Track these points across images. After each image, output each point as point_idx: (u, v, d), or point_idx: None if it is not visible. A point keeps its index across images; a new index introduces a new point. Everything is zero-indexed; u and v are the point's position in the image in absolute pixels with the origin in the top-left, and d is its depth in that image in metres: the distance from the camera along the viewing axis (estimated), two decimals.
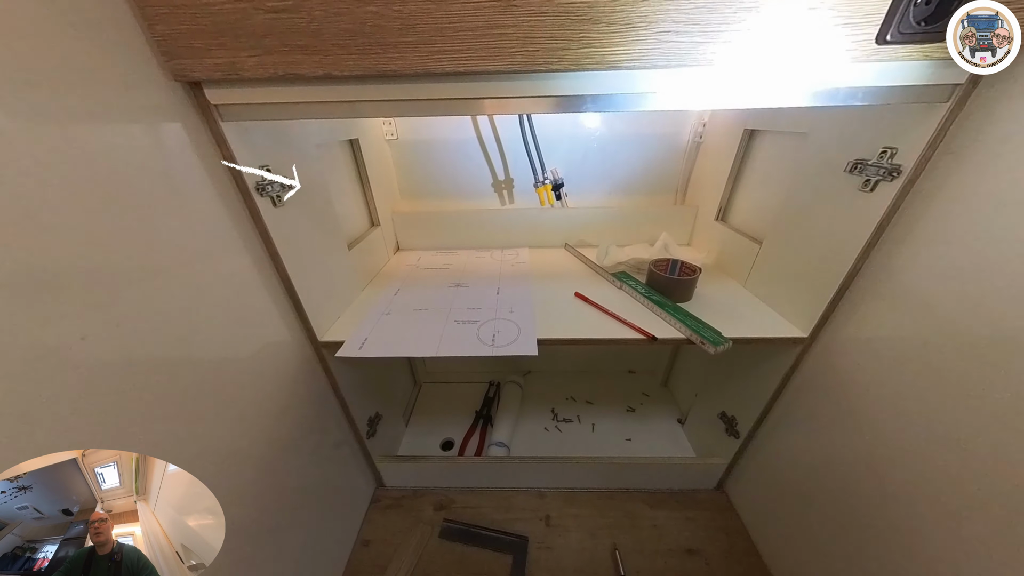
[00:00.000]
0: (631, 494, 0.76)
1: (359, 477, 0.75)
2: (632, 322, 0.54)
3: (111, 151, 0.30)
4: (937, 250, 0.38)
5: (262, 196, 0.42)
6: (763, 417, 0.62)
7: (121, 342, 0.30)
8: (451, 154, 0.82)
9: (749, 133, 0.65)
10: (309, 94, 0.35)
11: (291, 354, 0.52)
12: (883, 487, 0.44)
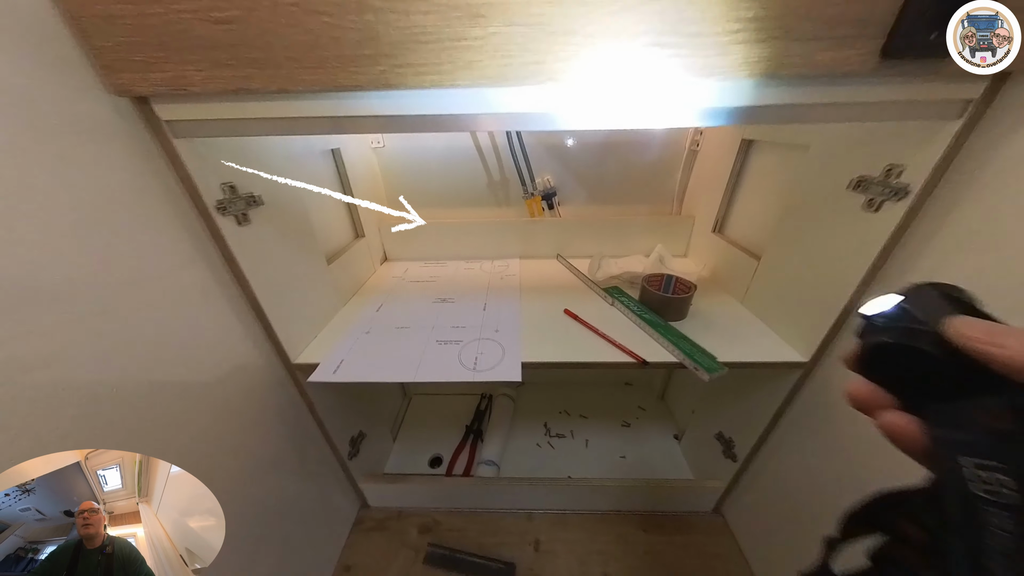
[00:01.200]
0: (624, 516, 0.74)
1: (341, 498, 0.72)
2: (623, 344, 0.51)
3: (51, 169, 0.27)
4: (949, 275, 0.35)
5: (224, 215, 0.40)
6: (762, 441, 0.59)
7: (68, 368, 0.28)
8: (440, 162, 0.80)
9: (747, 144, 0.62)
10: (265, 109, 0.32)
11: (262, 377, 0.49)
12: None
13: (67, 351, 0.28)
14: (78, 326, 0.29)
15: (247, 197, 0.42)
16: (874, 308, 0.16)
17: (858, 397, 0.16)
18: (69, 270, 0.29)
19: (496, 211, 0.85)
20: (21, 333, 0.25)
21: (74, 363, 0.29)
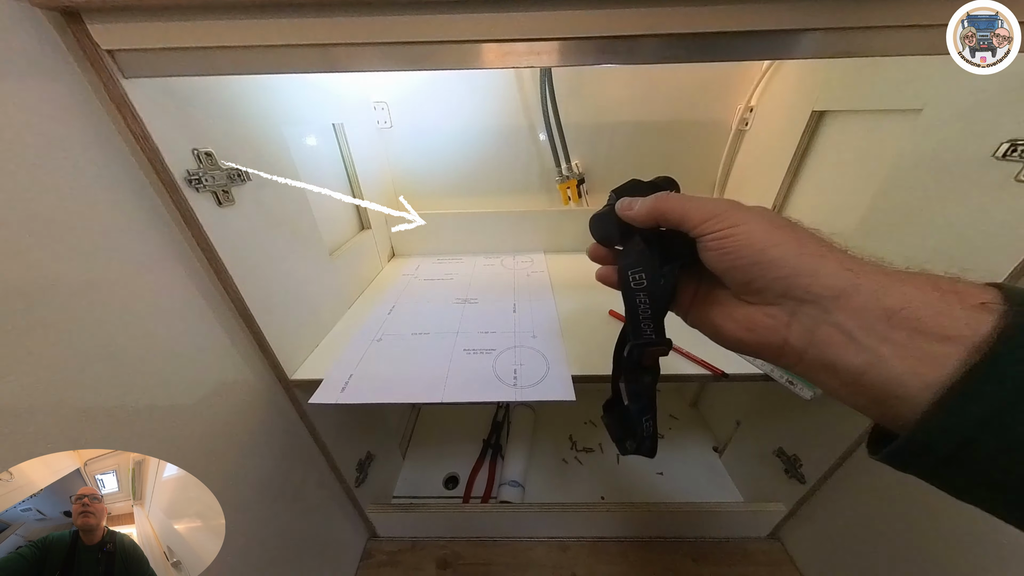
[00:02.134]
0: (669, 544, 0.65)
1: (347, 528, 0.63)
2: (690, 352, 0.43)
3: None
4: None
5: (198, 191, 0.30)
6: (842, 460, 0.51)
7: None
8: (454, 145, 0.70)
9: (818, 115, 0.54)
10: (248, 31, 0.23)
11: (253, 397, 0.40)
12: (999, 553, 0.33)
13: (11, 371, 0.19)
14: (18, 341, 0.20)
15: (229, 171, 0.33)
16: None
17: (590, 254, 0.26)
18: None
19: (517, 200, 0.76)
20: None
21: (25, 384, 0.21)
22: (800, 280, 0.17)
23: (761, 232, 0.17)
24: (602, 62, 0.25)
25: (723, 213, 0.18)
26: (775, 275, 0.17)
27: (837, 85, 0.50)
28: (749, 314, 0.19)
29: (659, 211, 0.21)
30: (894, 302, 0.15)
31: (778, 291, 0.17)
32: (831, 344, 0.16)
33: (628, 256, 0.22)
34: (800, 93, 0.56)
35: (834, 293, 0.16)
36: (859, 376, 0.15)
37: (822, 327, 0.16)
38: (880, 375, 0.15)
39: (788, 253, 0.17)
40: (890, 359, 0.15)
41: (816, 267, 0.16)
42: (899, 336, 0.14)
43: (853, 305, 0.16)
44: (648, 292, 0.21)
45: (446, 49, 0.24)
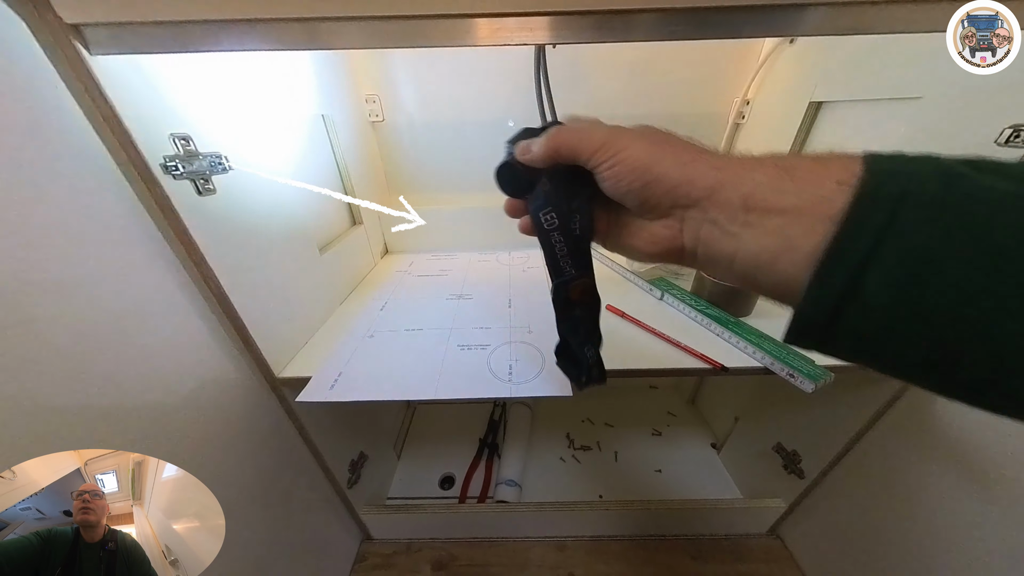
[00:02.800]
0: (669, 542, 0.64)
1: (340, 531, 0.61)
2: (688, 345, 0.42)
3: None
4: None
5: (176, 178, 0.29)
6: (841, 456, 0.50)
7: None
8: (447, 139, 0.69)
9: (815, 106, 0.53)
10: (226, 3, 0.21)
11: (238, 395, 0.39)
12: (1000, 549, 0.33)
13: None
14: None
15: (210, 157, 0.31)
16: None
17: (506, 210, 0.26)
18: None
19: None
20: None
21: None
22: (681, 189, 0.18)
23: (643, 153, 0.19)
24: (597, 39, 0.24)
25: (608, 141, 0.19)
26: (662, 190, 0.18)
27: (835, 75, 0.49)
28: (651, 229, 0.20)
29: (553, 147, 0.21)
30: (748, 188, 0.16)
31: (667, 204, 0.19)
32: (710, 239, 0.18)
33: (537, 199, 0.23)
34: (797, 84, 0.55)
35: (707, 193, 0.17)
36: (731, 262, 0.17)
37: (703, 226, 0.18)
38: (744, 256, 0.17)
39: (669, 168, 0.18)
40: (748, 241, 0.16)
41: (691, 174, 0.18)
42: (752, 218, 0.16)
43: (720, 199, 0.17)
44: (561, 230, 0.22)
45: (434, 24, 0.23)
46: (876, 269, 0.13)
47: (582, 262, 0.23)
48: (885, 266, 0.13)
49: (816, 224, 0.14)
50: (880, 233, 0.13)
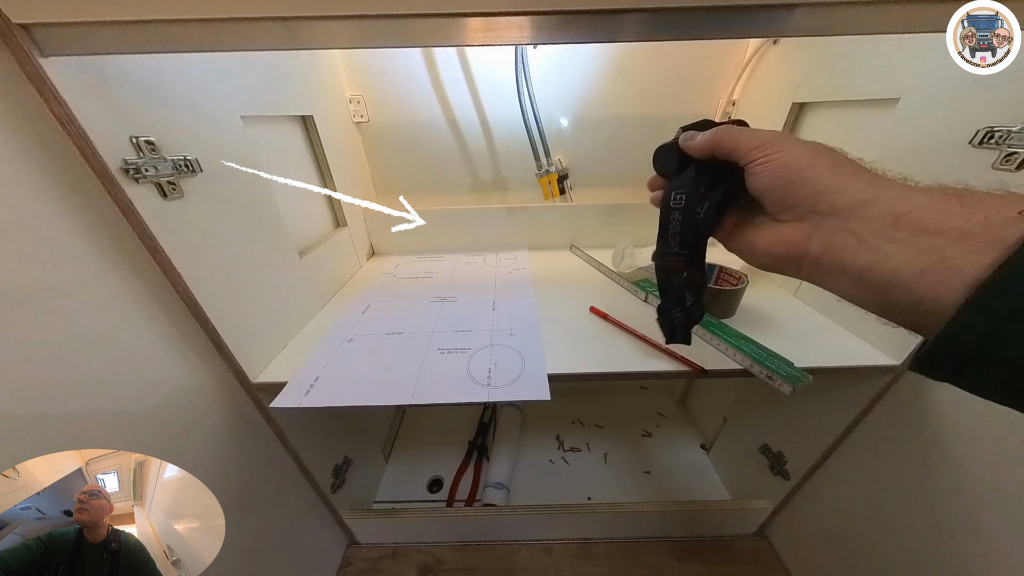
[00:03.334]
0: (656, 543, 0.64)
1: (324, 536, 0.61)
2: (669, 347, 0.42)
3: None
4: None
5: (138, 182, 0.28)
6: (825, 457, 0.50)
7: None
8: (433, 141, 0.69)
9: (799, 108, 0.53)
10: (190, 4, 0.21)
11: (212, 402, 0.38)
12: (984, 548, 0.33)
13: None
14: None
15: (176, 161, 0.31)
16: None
17: (649, 184, 0.28)
18: None
19: (500, 196, 0.75)
20: None
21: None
22: (828, 196, 0.18)
23: (802, 156, 0.19)
24: (585, 39, 0.24)
25: (773, 140, 0.20)
26: (807, 191, 0.19)
27: (817, 77, 0.49)
28: (779, 230, 0.21)
29: (716, 140, 0.22)
30: (904, 207, 0.16)
31: (807, 206, 0.19)
32: (844, 248, 0.18)
33: (676, 180, 0.25)
34: (781, 85, 0.55)
35: (855, 204, 0.17)
36: (864, 272, 0.17)
37: (839, 234, 0.18)
38: (882, 268, 0.16)
39: (822, 173, 0.18)
40: (892, 255, 0.16)
41: (845, 184, 0.18)
42: (903, 235, 0.16)
43: (869, 213, 0.17)
44: (683, 212, 0.24)
45: (418, 24, 0.23)
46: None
47: (690, 244, 0.26)
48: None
49: (985, 247, 0.14)
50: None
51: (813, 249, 0.19)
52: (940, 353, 0.15)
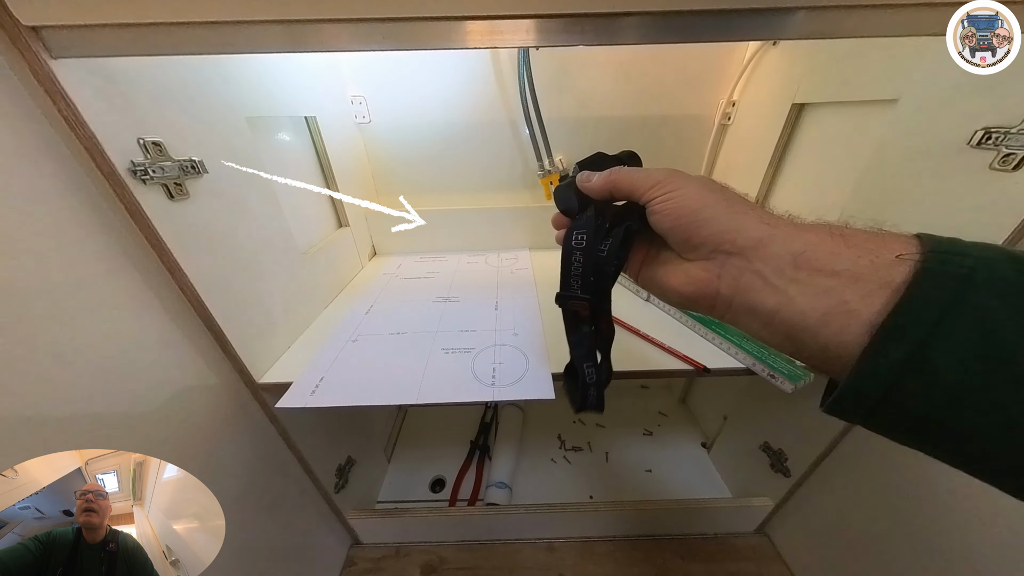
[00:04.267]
0: (658, 542, 0.64)
1: (328, 536, 0.61)
2: (672, 347, 0.42)
3: None
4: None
5: (145, 183, 0.28)
6: (825, 454, 0.51)
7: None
8: (435, 141, 0.69)
9: (798, 108, 0.54)
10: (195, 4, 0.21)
11: (217, 402, 0.38)
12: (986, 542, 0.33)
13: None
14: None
15: (183, 162, 0.31)
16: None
17: (553, 222, 0.28)
18: None
19: (501, 197, 0.75)
20: None
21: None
22: (728, 235, 0.19)
23: (696, 195, 0.20)
24: (585, 42, 0.24)
25: (665, 180, 0.21)
26: (708, 231, 0.19)
27: (816, 78, 0.50)
28: (688, 269, 0.21)
29: (612, 183, 0.23)
30: (799, 247, 0.17)
31: (711, 246, 0.19)
32: (752, 289, 0.18)
33: (578, 221, 0.25)
34: (780, 87, 0.55)
35: (754, 243, 0.18)
36: (773, 315, 0.17)
37: (745, 274, 0.18)
38: (789, 312, 0.17)
39: (719, 213, 0.19)
40: (796, 297, 0.17)
41: (740, 223, 0.19)
42: (802, 275, 0.16)
43: (768, 253, 0.18)
44: (584, 252, 0.24)
45: (423, 26, 0.23)
46: (943, 343, 0.13)
47: (594, 287, 0.24)
48: (953, 341, 0.13)
49: (876, 290, 0.14)
50: (949, 307, 0.13)
51: (723, 289, 0.19)
52: (848, 399, 0.15)
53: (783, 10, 0.23)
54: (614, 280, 0.24)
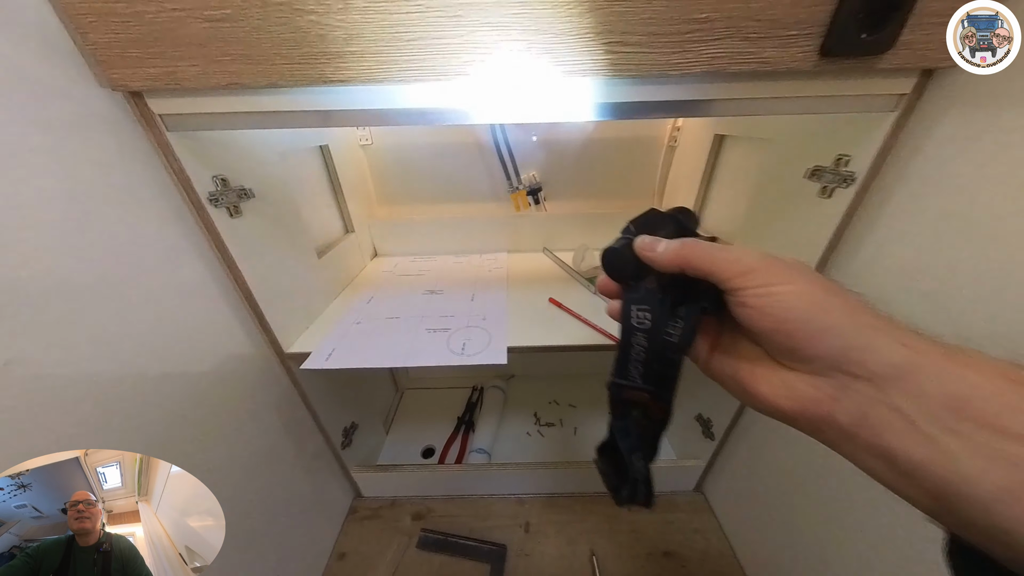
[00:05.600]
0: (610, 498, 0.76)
1: (335, 488, 0.74)
2: (603, 328, 0.54)
3: (46, 163, 0.29)
4: (892, 252, 0.38)
5: (216, 207, 0.41)
6: (737, 417, 0.63)
7: (64, 363, 0.29)
8: (428, 159, 0.81)
9: (720, 139, 0.66)
10: (255, 103, 0.34)
11: (255, 367, 0.51)
12: (862, 484, 0.45)
13: (65, 346, 0.29)
14: (74, 320, 0.30)
15: (239, 190, 0.44)
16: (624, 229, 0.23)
17: (600, 287, 0.24)
18: (65, 264, 0.30)
19: (484, 207, 0.87)
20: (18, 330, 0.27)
21: (73, 357, 0.30)
22: (854, 355, 0.15)
23: (808, 296, 0.16)
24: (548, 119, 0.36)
25: (760, 268, 0.17)
26: (825, 346, 0.15)
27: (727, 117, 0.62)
28: (788, 380, 0.17)
29: (684, 260, 0.19)
30: (959, 388, 0.13)
31: (828, 363, 0.16)
32: (888, 429, 0.14)
33: (637, 291, 0.21)
34: (707, 120, 0.68)
35: (892, 372, 0.14)
36: (918, 468, 0.14)
37: (877, 408, 0.15)
38: (944, 471, 0.13)
39: (840, 323, 0.15)
40: (959, 455, 0.13)
41: (871, 341, 0.15)
42: (966, 429, 0.13)
43: (913, 388, 0.14)
44: (648, 335, 0.20)
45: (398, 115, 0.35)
46: None
47: (657, 377, 0.20)
48: None
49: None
50: None
51: (842, 417, 0.16)
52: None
53: (704, 101, 0.34)
54: (676, 367, 0.20)
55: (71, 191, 0.30)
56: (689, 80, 0.33)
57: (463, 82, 0.32)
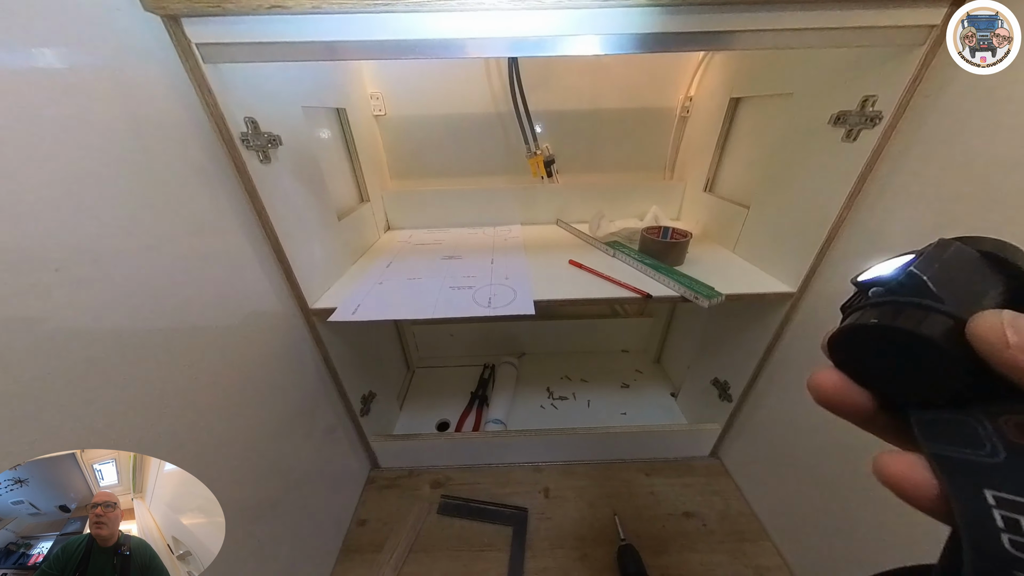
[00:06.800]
0: (627, 464, 0.77)
1: (353, 458, 0.73)
2: (626, 283, 0.55)
3: (80, 91, 0.28)
4: (915, 200, 0.39)
5: (248, 148, 0.41)
6: (755, 377, 0.64)
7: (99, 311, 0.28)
8: (440, 131, 0.81)
9: (735, 102, 0.67)
10: (296, 32, 0.34)
11: (280, 323, 0.50)
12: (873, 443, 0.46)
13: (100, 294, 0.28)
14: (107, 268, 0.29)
15: (268, 135, 0.44)
16: (872, 274, 0.12)
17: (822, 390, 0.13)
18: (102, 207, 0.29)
19: (496, 179, 0.87)
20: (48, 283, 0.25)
21: (104, 308, 0.28)
22: None
23: None
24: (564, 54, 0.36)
25: None
26: None
27: (745, 76, 0.63)
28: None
29: None
30: None
31: None
32: None
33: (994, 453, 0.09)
34: (722, 84, 0.69)
35: None
36: None
37: None
38: None
39: None
40: None
41: None
42: None
43: None
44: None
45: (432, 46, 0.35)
46: None
47: None
48: None
49: None
50: None
51: None
52: None
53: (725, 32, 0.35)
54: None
55: (104, 123, 0.29)
56: (714, 10, 0.33)
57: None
